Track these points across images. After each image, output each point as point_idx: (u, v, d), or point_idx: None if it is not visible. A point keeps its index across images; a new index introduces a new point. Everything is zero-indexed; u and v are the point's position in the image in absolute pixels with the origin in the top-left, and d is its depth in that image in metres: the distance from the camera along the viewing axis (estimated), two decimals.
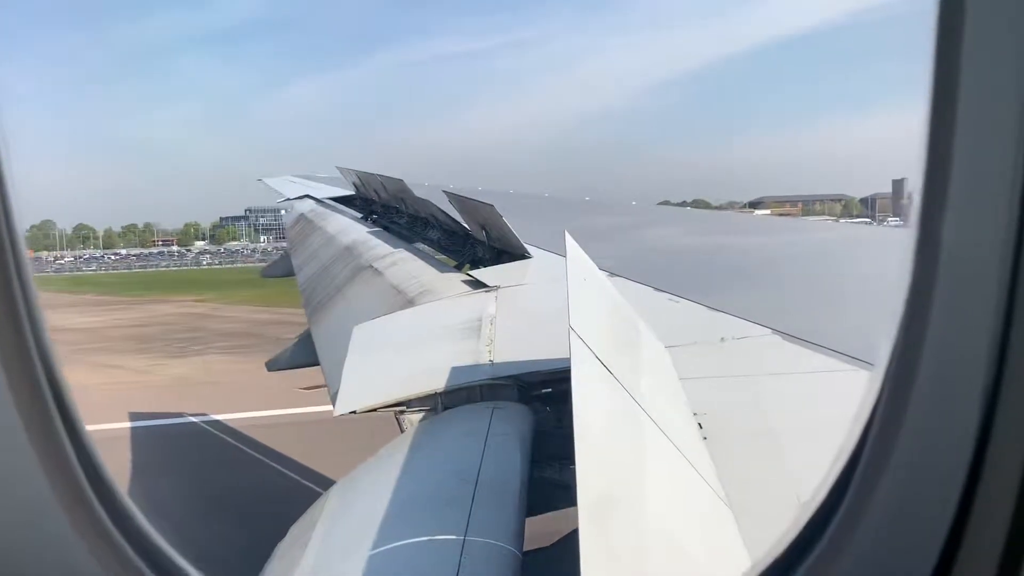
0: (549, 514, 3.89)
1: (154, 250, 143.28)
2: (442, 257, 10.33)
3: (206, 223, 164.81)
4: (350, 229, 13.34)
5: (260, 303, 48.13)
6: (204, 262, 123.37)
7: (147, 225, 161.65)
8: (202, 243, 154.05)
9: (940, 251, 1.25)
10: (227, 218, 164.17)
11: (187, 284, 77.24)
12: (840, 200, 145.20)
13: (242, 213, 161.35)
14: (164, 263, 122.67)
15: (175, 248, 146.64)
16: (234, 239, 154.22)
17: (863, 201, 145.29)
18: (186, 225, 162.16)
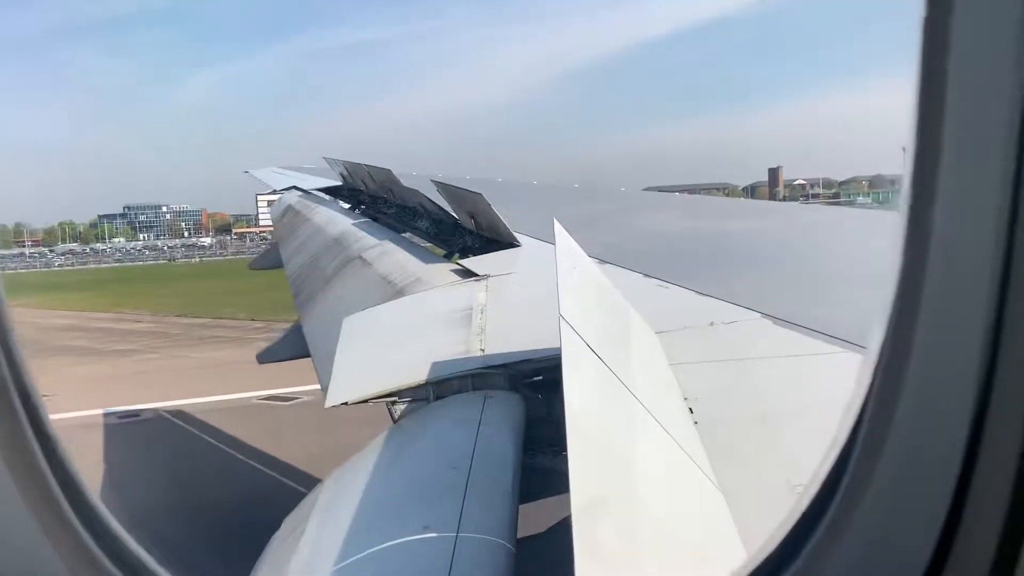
0: (542, 501, 3.90)
1: (15, 251, 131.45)
2: (431, 246, 10.31)
3: (84, 221, 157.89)
4: (338, 220, 13.28)
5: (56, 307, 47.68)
6: (56, 264, 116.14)
7: (16, 225, 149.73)
8: (72, 244, 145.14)
9: (930, 239, 1.24)
10: (105, 216, 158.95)
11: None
12: (724, 188, 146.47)
13: (120, 211, 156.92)
14: (13, 265, 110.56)
15: (38, 249, 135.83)
16: (112, 237, 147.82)
17: (745, 189, 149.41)
18: (60, 224, 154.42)
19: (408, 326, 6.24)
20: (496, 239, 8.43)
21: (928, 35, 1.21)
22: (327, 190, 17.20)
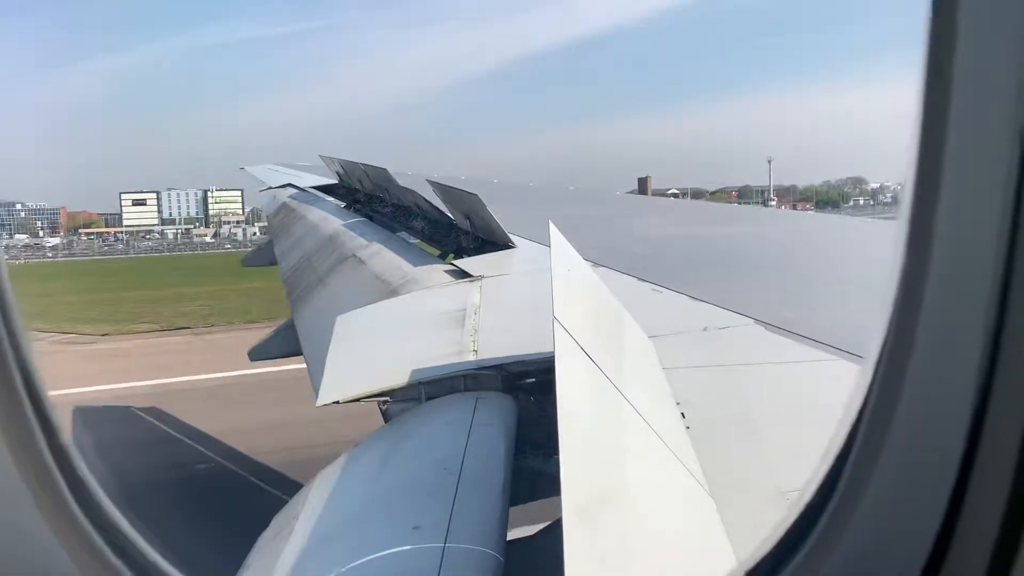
0: (533, 503, 3.90)
1: None
2: (426, 246, 10.29)
3: None
4: (333, 218, 13.25)
5: None
6: None
7: None
8: None
9: (932, 243, 1.24)
10: None
11: None
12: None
13: None
14: None
15: None
16: None
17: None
18: None
19: (401, 326, 6.23)
20: (491, 240, 8.42)
21: (933, 36, 1.21)
22: (323, 188, 17.15)
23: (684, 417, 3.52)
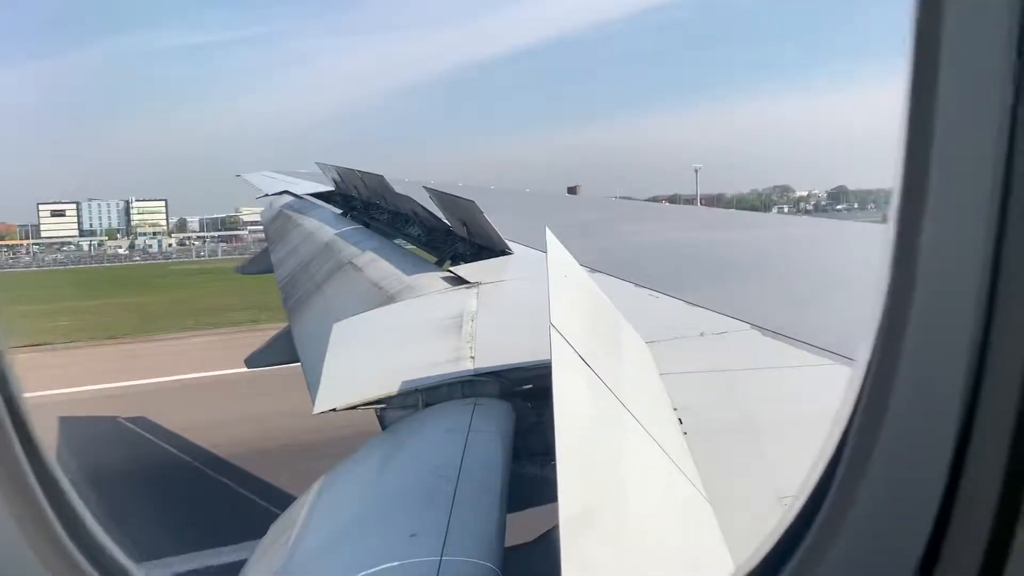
0: (530, 510, 3.89)
1: None
2: (423, 253, 10.29)
3: None
4: (329, 225, 13.25)
5: None
6: None
7: None
8: None
9: (919, 250, 1.25)
10: None
11: None
12: None
13: None
14: None
15: None
16: None
17: None
18: None
19: (398, 332, 6.22)
20: (488, 246, 8.42)
21: (918, 45, 1.22)
22: (319, 195, 17.16)
23: (682, 423, 3.52)
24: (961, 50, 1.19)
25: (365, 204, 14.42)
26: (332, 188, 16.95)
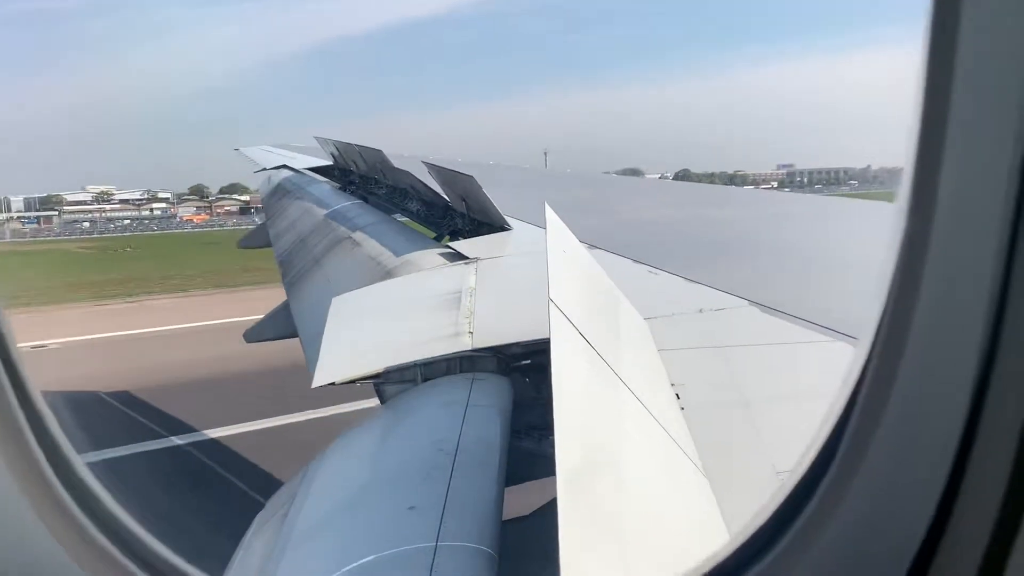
0: (528, 483, 3.92)
1: None
2: (421, 228, 10.27)
3: None
4: (328, 200, 13.20)
5: None
6: None
7: None
8: None
9: (931, 227, 1.24)
10: None
11: None
12: None
13: None
14: None
15: None
16: None
17: None
18: None
19: (397, 307, 6.23)
20: (487, 222, 8.40)
21: (934, 39, 1.20)
22: (317, 170, 17.07)
23: (679, 398, 3.54)
24: (976, 48, 1.17)
25: (363, 178, 14.35)
26: (330, 163, 16.87)
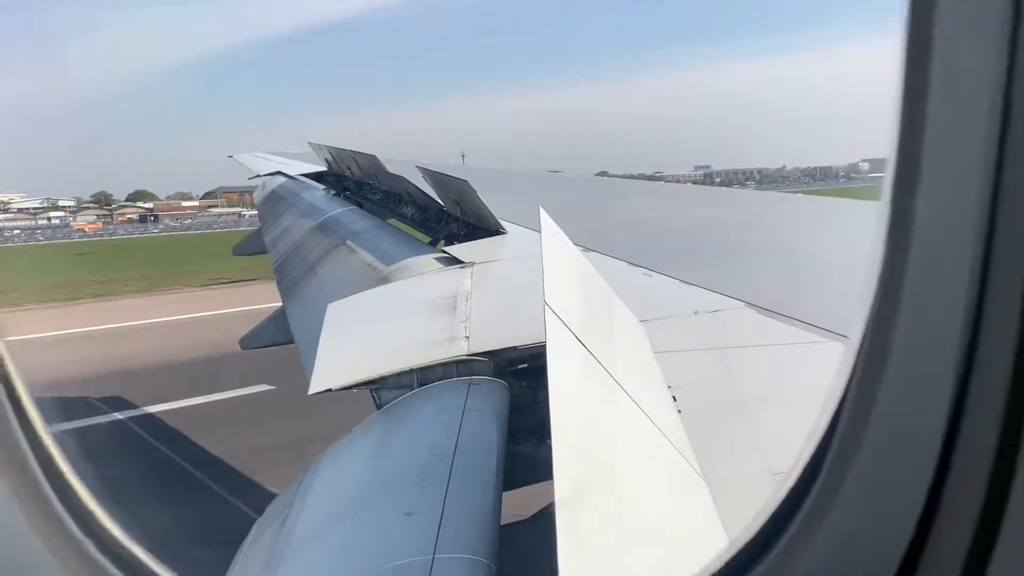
0: (526, 488, 3.91)
1: None
2: (416, 233, 10.26)
3: None
4: (322, 206, 13.20)
5: None
6: None
7: None
8: None
9: (913, 227, 1.25)
10: None
11: None
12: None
13: None
14: None
15: None
16: None
17: None
18: None
19: (392, 313, 6.22)
20: (482, 226, 8.40)
21: (912, 27, 1.21)
22: (312, 176, 17.06)
23: (676, 401, 3.53)
24: (954, 30, 1.18)
25: (358, 184, 14.34)
26: (325, 168, 16.86)
